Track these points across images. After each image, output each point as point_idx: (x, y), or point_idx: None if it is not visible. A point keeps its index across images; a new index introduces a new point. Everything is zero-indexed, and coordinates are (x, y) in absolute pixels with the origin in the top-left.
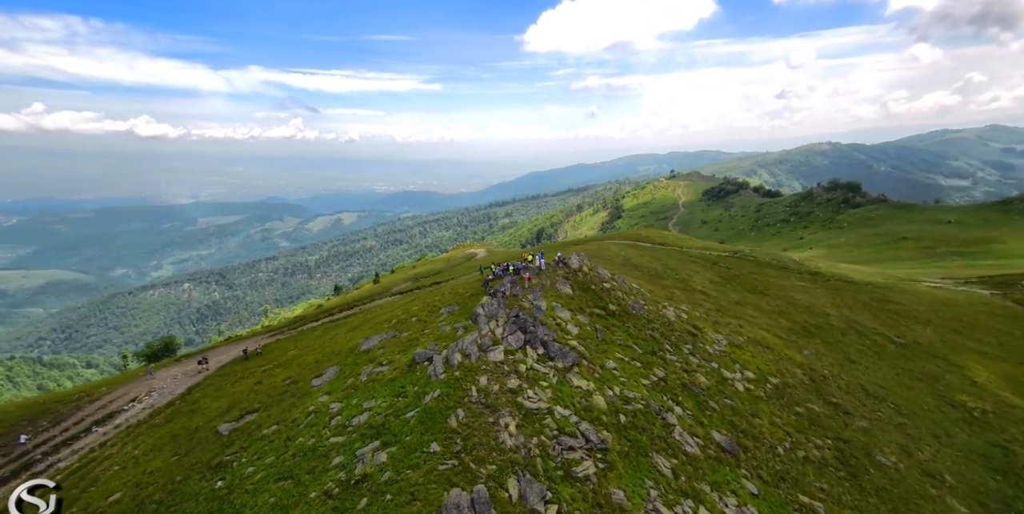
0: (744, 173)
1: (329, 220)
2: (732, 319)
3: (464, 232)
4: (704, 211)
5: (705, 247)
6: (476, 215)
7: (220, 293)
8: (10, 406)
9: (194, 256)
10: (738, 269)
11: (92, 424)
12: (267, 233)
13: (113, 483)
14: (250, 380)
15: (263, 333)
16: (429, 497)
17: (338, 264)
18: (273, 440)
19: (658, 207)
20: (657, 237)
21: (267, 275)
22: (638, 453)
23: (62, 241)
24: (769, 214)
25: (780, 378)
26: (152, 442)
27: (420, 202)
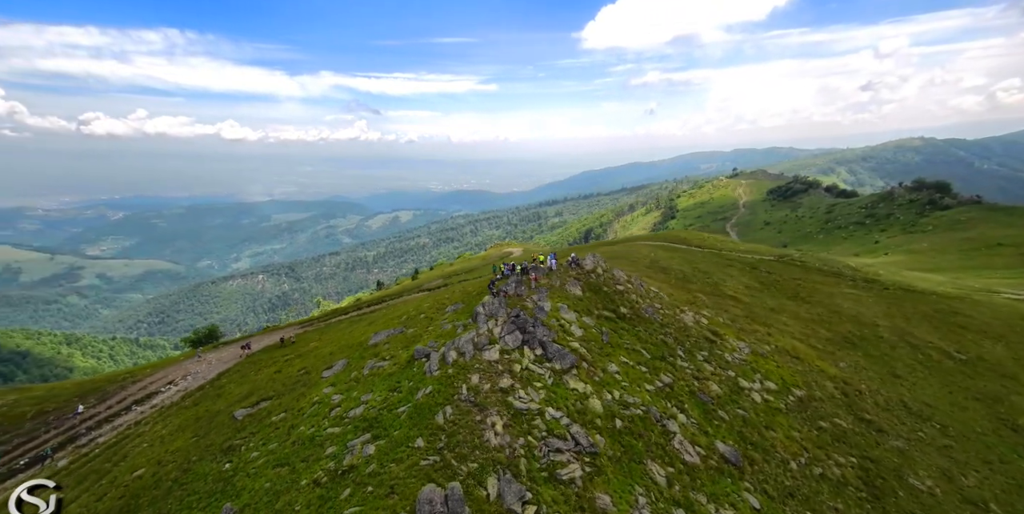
0: (819, 171)
1: (387, 218)
2: (761, 327)
3: (514, 231)
4: (768, 212)
5: (748, 250)
6: (526, 214)
7: (289, 285)
8: (66, 384)
9: (268, 250)
10: (781, 274)
11: (132, 403)
12: (331, 230)
13: (139, 459)
14: (271, 368)
15: (295, 325)
16: (407, 491)
17: (393, 260)
18: (279, 427)
19: (716, 207)
20: (695, 239)
21: (330, 269)
22: (631, 459)
23: (159, 234)
24: (841, 215)
25: (806, 390)
26: (178, 423)
27: (473, 201)
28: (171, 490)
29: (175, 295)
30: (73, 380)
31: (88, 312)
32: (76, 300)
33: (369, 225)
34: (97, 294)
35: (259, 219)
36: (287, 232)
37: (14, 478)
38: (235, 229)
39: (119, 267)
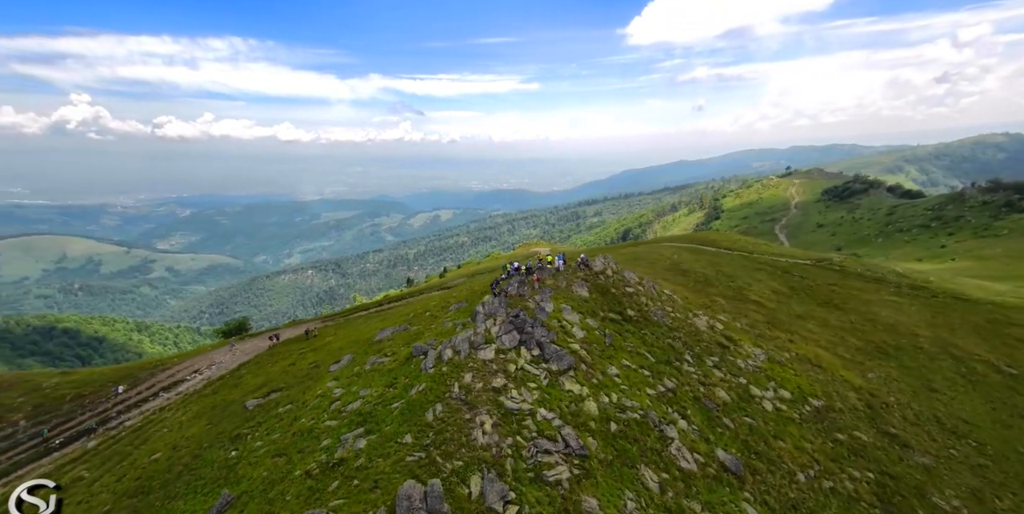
0: (885, 170)
1: (428, 217)
2: (782, 333)
3: (551, 230)
4: (821, 213)
5: (781, 254)
6: (564, 214)
7: (335, 280)
8: (104, 369)
9: (317, 247)
10: (814, 279)
11: (160, 390)
12: (376, 228)
13: (158, 443)
14: (286, 361)
15: (319, 319)
16: (389, 486)
17: (433, 258)
18: (283, 418)
19: (765, 208)
20: (725, 241)
21: (373, 266)
22: (624, 463)
23: (221, 231)
24: (904, 218)
25: (825, 401)
26: (196, 410)
27: (512, 200)
28: (181, 474)
29: (233, 288)
30: (110, 366)
31: (158, 302)
32: (148, 291)
33: (411, 224)
34: (166, 285)
35: (310, 217)
36: (335, 230)
37: (50, 456)
38: (288, 226)
39: (186, 261)
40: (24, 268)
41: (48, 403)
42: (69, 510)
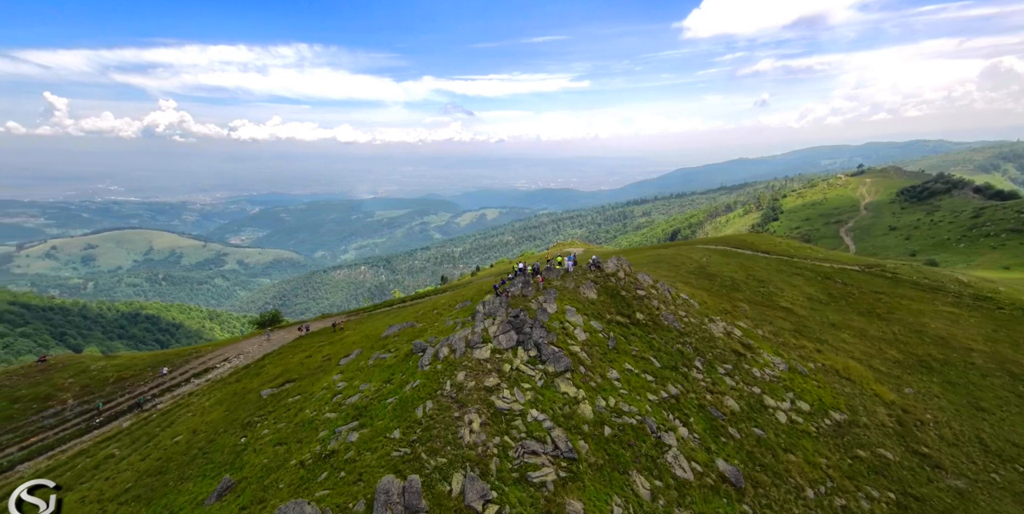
0: (978, 168)
1: (475, 215)
2: (809, 342)
3: (597, 230)
4: (895, 215)
5: (827, 258)
6: (611, 213)
7: (386, 276)
8: (144, 355)
9: (371, 243)
10: (859, 286)
11: (191, 376)
12: (424, 226)
13: (181, 427)
14: (304, 353)
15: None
16: (372, 480)
17: (478, 256)
18: (290, 408)
19: (830, 208)
20: (763, 244)
21: (420, 263)
22: (615, 468)
23: (286, 227)
24: (992, 221)
25: (848, 415)
26: (219, 397)
27: (558, 199)
28: (196, 457)
29: (295, 281)
30: (150, 352)
31: (229, 292)
32: (220, 282)
33: (458, 222)
34: (236, 277)
35: (365, 215)
36: (387, 227)
37: (90, 433)
38: (345, 224)
39: (254, 255)
40: (118, 259)
41: (93, 384)
42: (99, 485)
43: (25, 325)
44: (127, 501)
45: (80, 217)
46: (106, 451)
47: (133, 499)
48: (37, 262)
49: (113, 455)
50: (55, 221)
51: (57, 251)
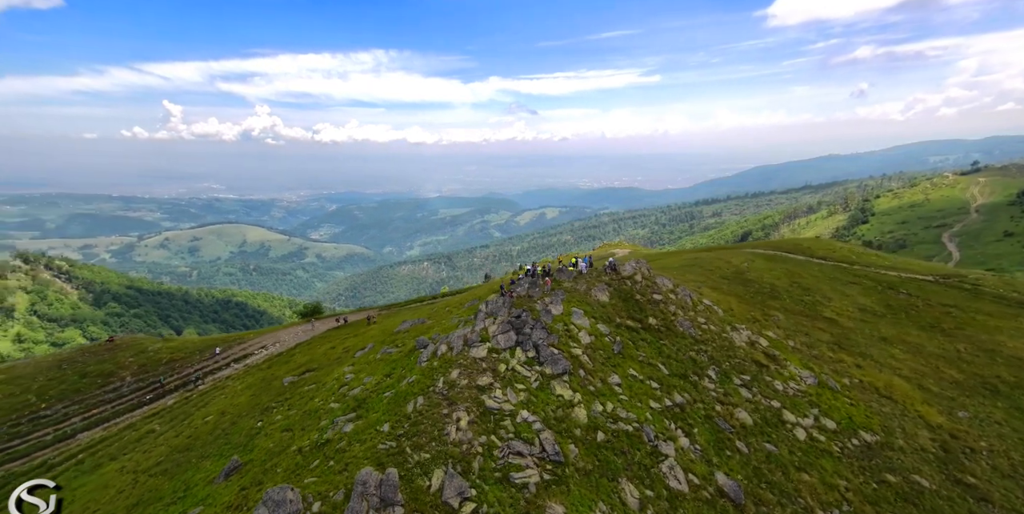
0: None
1: (534, 214)
2: (849, 357)
3: (660, 231)
4: (1014, 219)
5: (894, 267)
6: (677, 213)
7: (446, 273)
8: (195, 339)
9: (434, 241)
10: (926, 298)
11: (232, 361)
12: (485, 224)
13: (213, 408)
14: (329, 345)
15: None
16: (356, 470)
17: (535, 255)
18: (303, 397)
19: (931, 211)
20: (820, 249)
21: (479, 260)
22: (603, 475)
23: (358, 224)
24: None
25: (882, 436)
26: (249, 382)
27: (621, 198)
28: (218, 438)
29: (364, 275)
30: (200, 337)
31: (307, 284)
32: (301, 274)
33: (518, 221)
34: (315, 270)
35: (429, 213)
36: (450, 225)
37: (140, 409)
38: (412, 221)
39: (330, 249)
40: (218, 250)
41: (149, 364)
42: (137, 457)
43: (138, 307)
44: (156, 474)
45: (189, 212)
46: (149, 426)
47: (160, 472)
48: (153, 251)
49: (154, 430)
50: (169, 215)
51: (169, 242)
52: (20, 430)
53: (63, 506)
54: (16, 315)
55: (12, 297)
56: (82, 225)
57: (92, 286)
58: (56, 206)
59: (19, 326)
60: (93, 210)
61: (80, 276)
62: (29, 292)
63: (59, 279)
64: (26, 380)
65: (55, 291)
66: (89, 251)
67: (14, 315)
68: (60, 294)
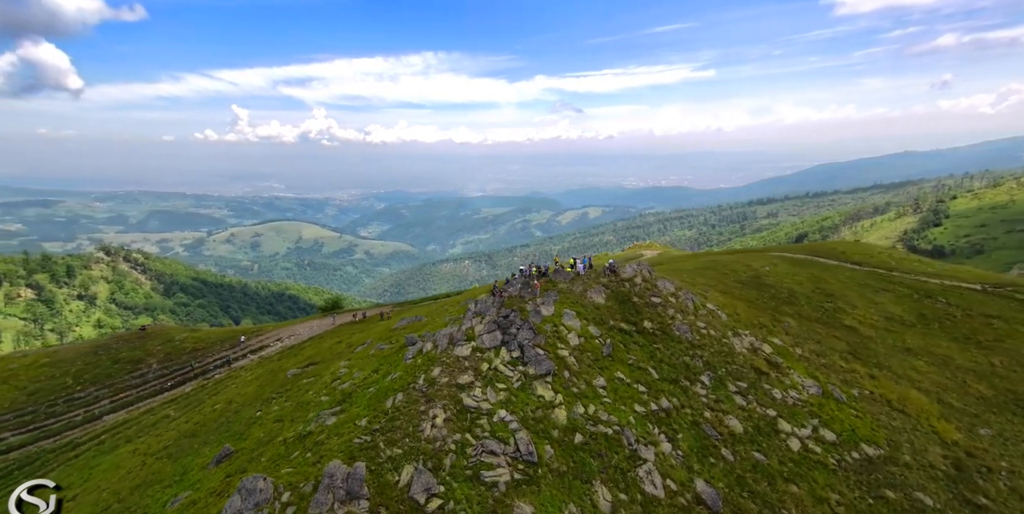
0: None
1: (577, 214)
2: (863, 367)
3: (709, 232)
4: None
5: (939, 273)
6: (728, 213)
7: (486, 271)
8: (217, 330)
9: (475, 239)
10: (967, 308)
11: (248, 352)
12: (526, 224)
13: (222, 396)
14: (336, 339)
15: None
16: (327, 463)
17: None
18: (301, 389)
19: (1017, 213)
20: (857, 253)
21: (519, 260)
22: (577, 477)
23: (404, 222)
24: None
25: (887, 450)
26: (259, 373)
27: (668, 198)
28: (221, 425)
29: (408, 272)
30: (223, 328)
31: (356, 279)
32: (351, 269)
33: (559, 220)
34: (363, 266)
35: (472, 212)
36: (491, 224)
37: (162, 395)
38: (455, 220)
39: (377, 247)
40: (276, 246)
41: (174, 352)
42: (150, 440)
43: (203, 297)
44: (162, 457)
45: (252, 210)
46: (165, 411)
47: (166, 456)
48: (220, 246)
49: (169, 415)
50: (234, 213)
51: (234, 238)
52: (56, 410)
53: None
54: (97, 302)
55: (95, 286)
56: (160, 220)
57: (163, 277)
58: (138, 203)
59: (99, 313)
60: (170, 207)
61: (153, 268)
62: (109, 282)
63: (135, 270)
64: (66, 364)
65: (131, 281)
66: (166, 245)
67: (96, 302)
68: (135, 284)
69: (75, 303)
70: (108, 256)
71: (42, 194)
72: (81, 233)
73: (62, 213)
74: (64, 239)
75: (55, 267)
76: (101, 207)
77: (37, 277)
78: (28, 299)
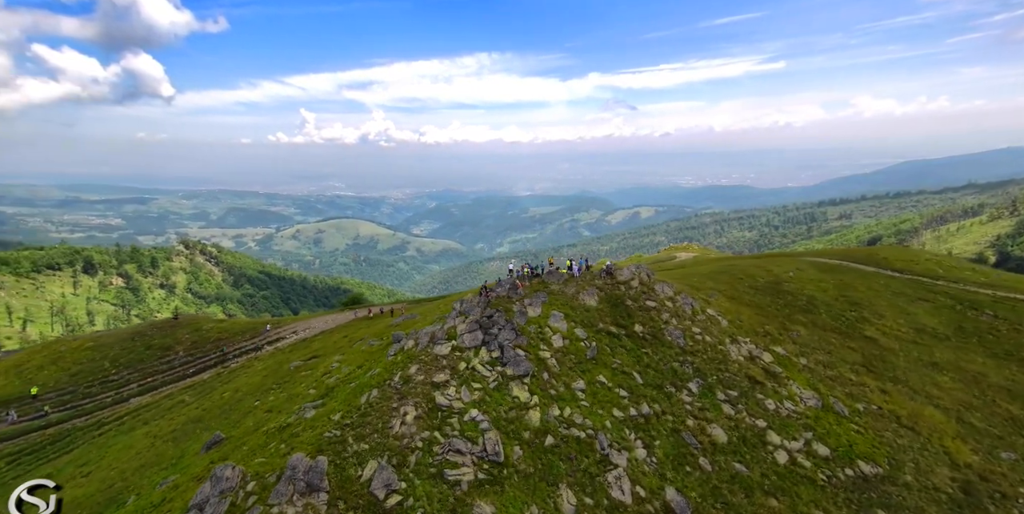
0: None
1: (627, 213)
2: (876, 381)
3: (771, 234)
4: None
5: (993, 283)
6: (793, 214)
7: None
8: (240, 321)
9: (523, 238)
10: (1016, 322)
11: (265, 343)
12: (574, 223)
13: (231, 385)
14: (343, 334)
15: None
16: (295, 455)
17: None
18: (296, 382)
19: None
20: (899, 260)
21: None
22: (543, 479)
23: (454, 221)
24: None
25: (886, 469)
26: (268, 364)
27: (728, 197)
28: (223, 413)
29: (456, 270)
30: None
31: (407, 275)
32: (402, 266)
33: (608, 220)
34: (414, 263)
35: (520, 211)
36: (539, 223)
37: (184, 380)
38: (503, 219)
39: (428, 244)
40: (336, 242)
41: (200, 341)
42: (163, 423)
43: (266, 289)
44: (168, 440)
45: (316, 208)
46: (182, 397)
47: (172, 439)
48: (287, 242)
49: (184, 401)
50: (300, 210)
51: (299, 234)
52: (92, 391)
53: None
54: (176, 291)
55: (175, 276)
56: (236, 217)
57: (233, 270)
58: (218, 200)
59: (177, 300)
60: (245, 205)
61: (224, 261)
62: (187, 272)
63: (209, 263)
64: (106, 348)
65: (205, 273)
66: (240, 239)
67: (175, 291)
68: (209, 275)
69: (157, 291)
70: (187, 249)
71: (139, 192)
72: (170, 227)
73: (155, 209)
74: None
75: (142, 258)
76: (187, 204)
77: (126, 267)
78: (118, 287)
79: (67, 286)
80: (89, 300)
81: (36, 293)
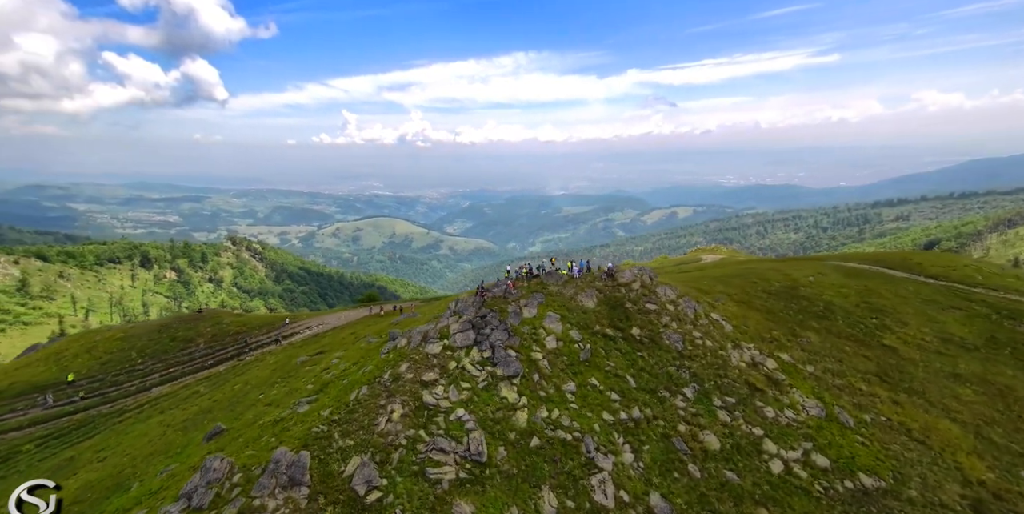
0: None
1: (664, 213)
2: (888, 391)
3: (818, 236)
4: None
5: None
6: (844, 216)
7: None
8: (260, 316)
9: (555, 238)
10: None
11: (280, 338)
12: (608, 223)
13: (243, 378)
14: (351, 331)
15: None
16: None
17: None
18: (299, 377)
19: None
20: (935, 265)
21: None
22: (526, 480)
23: (487, 220)
24: None
25: (889, 483)
26: (278, 358)
27: (773, 197)
28: (231, 404)
29: (487, 268)
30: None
31: (440, 273)
32: (436, 264)
33: (644, 220)
34: (447, 261)
35: (553, 210)
36: (572, 223)
37: (201, 372)
38: (536, 218)
39: (461, 243)
40: (374, 240)
41: (220, 335)
42: (176, 413)
43: (305, 285)
44: (178, 429)
45: (355, 206)
46: (197, 387)
47: (182, 428)
48: (327, 239)
49: (199, 392)
50: (340, 209)
51: (339, 232)
52: (119, 379)
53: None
54: (223, 285)
55: (222, 271)
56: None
57: (275, 265)
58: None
59: (224, 294)
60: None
61: (268, 257)
62: (233, 267)
63: (254, 259)
64: (135, 339)
65: (250, 268)
66: (284, 237)
67: (222, 285)
68: (253, 271)
69: (206, 285)
70: (234, 246)
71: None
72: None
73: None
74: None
75: (193, 253)
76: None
77: (179, 261)
78: (171, 280)
79: (126, 279)
80: (145, 292)
81: (98, 285)
